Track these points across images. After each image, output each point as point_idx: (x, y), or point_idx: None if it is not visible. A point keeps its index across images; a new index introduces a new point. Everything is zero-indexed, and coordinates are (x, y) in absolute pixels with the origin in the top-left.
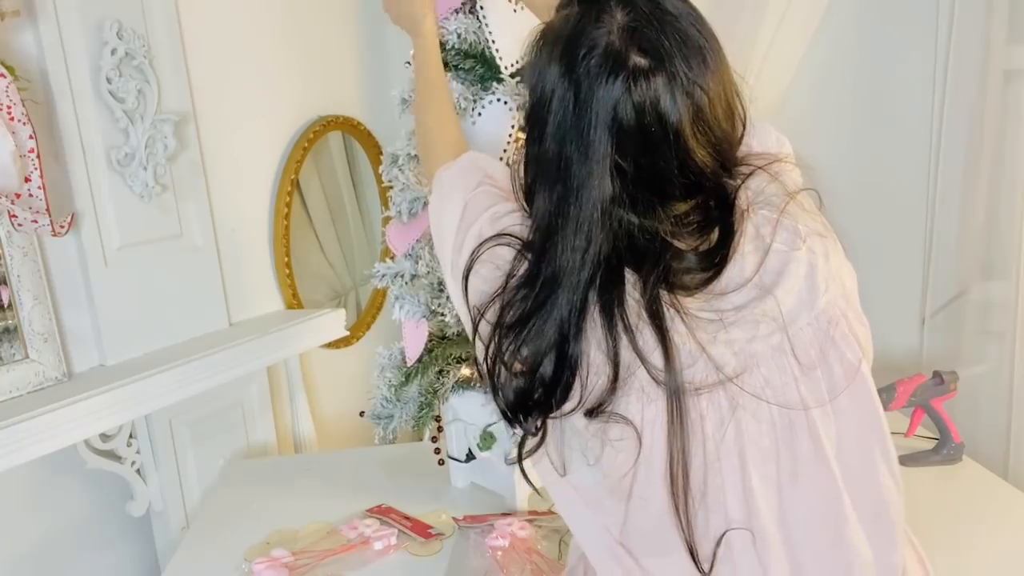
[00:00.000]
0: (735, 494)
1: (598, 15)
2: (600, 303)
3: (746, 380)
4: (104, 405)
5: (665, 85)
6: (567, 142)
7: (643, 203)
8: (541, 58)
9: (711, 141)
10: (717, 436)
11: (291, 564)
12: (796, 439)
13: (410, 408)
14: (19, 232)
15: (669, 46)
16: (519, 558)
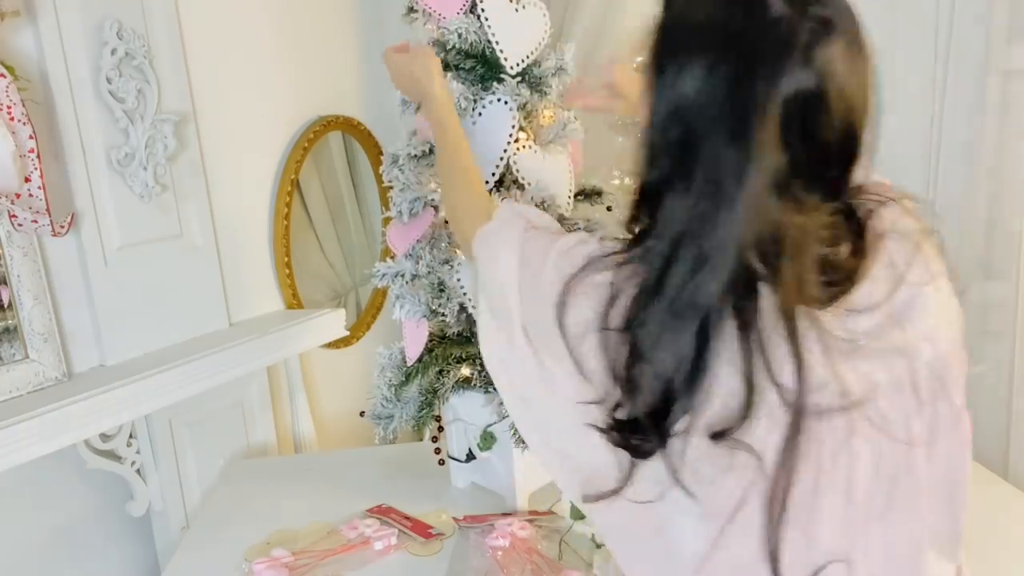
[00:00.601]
0: (833, 524)
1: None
2: (737, 316)
3: (867, 409)
4: (104, 405)
5: (845, 44)
6: (715, 132)
7: (797, 196)
8: (678, 49)
9: (858, 131)
10: (828, 464)
11: (291, 564)
12: (897, 474)
13: (410, 408)
14: (19, 232)
15: (840, 6)
16: (519, 558)
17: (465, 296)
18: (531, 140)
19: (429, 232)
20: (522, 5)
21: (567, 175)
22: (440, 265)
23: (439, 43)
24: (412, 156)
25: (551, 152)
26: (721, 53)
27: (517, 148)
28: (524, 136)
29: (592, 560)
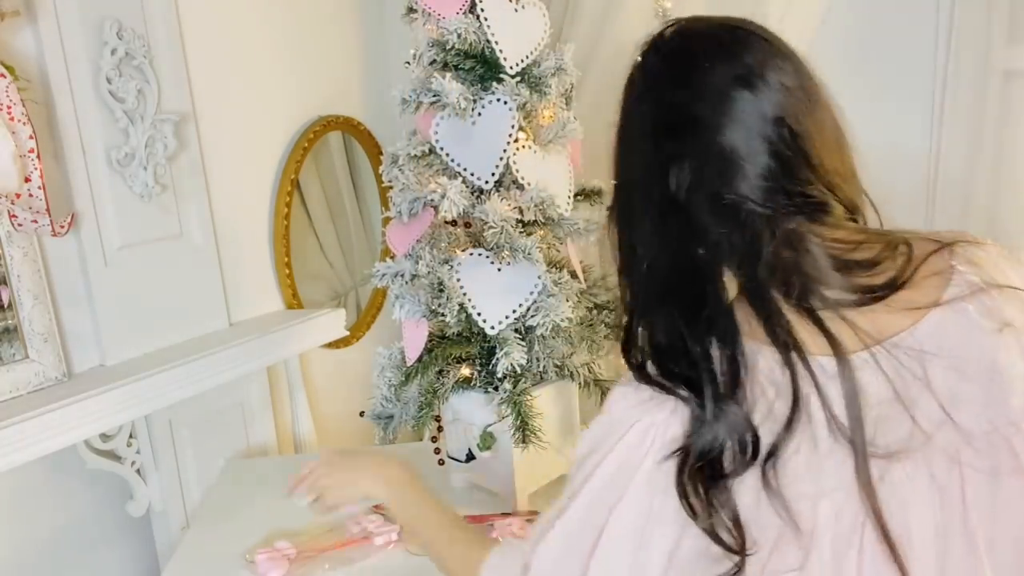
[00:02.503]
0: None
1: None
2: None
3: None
4: (104, 405)
5: (777, 78)
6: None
7: (792, 201)
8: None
9: (829, 162)
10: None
11: (293, 556)
12: (953, 521)
13: (410, 408)
14: (19, 232)
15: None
16: None
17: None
18: (531, 140)
19: (429, 232)
20: (522, 5)
21: (567, 175)
22: (440, 265)
23: (439, 43)
24: (412, 156)
25: (551, 152)
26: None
27: (517, 148)
28: (524, 136)
29: None
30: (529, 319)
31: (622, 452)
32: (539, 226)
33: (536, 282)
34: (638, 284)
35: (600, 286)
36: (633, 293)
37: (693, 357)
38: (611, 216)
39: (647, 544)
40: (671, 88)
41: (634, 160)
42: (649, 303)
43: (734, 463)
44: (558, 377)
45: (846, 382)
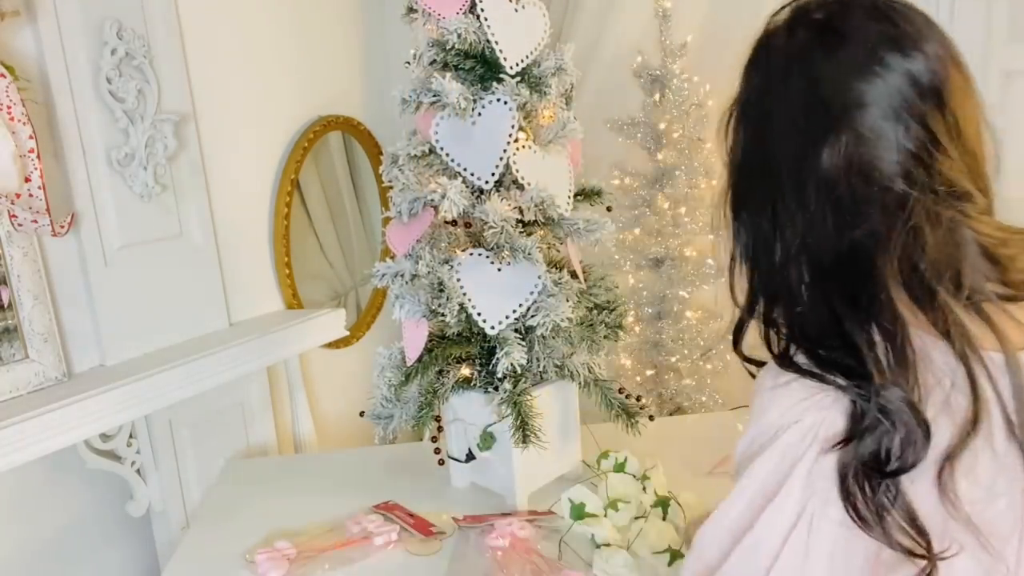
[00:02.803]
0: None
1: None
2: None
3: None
4: (104, 405)
5: (935, 51)
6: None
7: (936, 183)
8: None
9: (976, 150)
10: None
11: (293, 556)
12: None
13: (410, 408)
14: (19, 232)
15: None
16: (519, 558)
17: (464, 296)
18: (531, 140)
19: (429, 232)
20: (522, 5)
21: (567, 175)
22: (440, 265)
23: (439, 43)
24: (412, 156)
25: (551, 152)
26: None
27: (517, 148)
28: (524, 136)
29: (592, 560)
30: (529, 319)
31: (780, 449)
32: (539, 226)
33: (536, 282)
34: (776, 270)
35: (600, 286)
36: (769, 279)
37: (854, 342)
38: (734, 200)
39: (805, 547)
40: (824, 61)
41: (779, 139)
42: (798, 288)
43: (903, 458)
44: (558, 377)
45: (1015, 378)
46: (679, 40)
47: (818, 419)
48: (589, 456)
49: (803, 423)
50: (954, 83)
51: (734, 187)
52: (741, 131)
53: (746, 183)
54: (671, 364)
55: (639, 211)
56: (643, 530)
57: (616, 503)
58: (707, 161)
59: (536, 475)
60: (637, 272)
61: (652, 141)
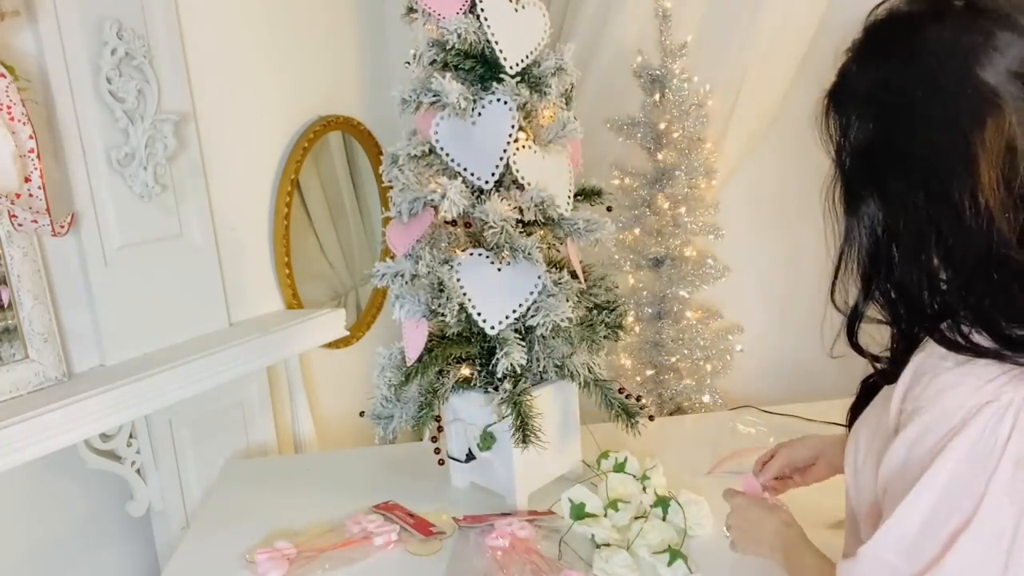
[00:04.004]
0: None
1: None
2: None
3: None
4: (104, 405)
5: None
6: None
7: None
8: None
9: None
10: None
11: (292, 556)
12: None
13: (410, 408)
14: (19, 232)
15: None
16: (519, 558)
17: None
18: (531, 140)
19: (429, 232)
20: (522, 5)
21: (567, 175)
22: (440, 265)
23: (439, 43)
24: (412, 156)
25: (551, 152)
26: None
27: (517, 148)
28: (524, 136)
29: (592, 560)
30: (529, 319)
31: (974, 434)
32: (539, 226)
33: (536, 282)
34: (920, 262)
35: (600, 286)
36: (909, 271)
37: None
38: (849, 195)
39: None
40: (982, 49)
41: (934, 139)
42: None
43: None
44: (558, 377)
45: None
46: (679, 40)
47: (1019, 397)
48: (589, 456)
49: (1000, 401)
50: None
51: (851, 182)
52: (862, 122)
53: (873, 176)
54: (671, 364)
55: (639, 211)
56: (643, 530)
57: (616, 503)
58: (707, 161)
59: (536, 475)
60: (637, 272)
61: (652, 141)
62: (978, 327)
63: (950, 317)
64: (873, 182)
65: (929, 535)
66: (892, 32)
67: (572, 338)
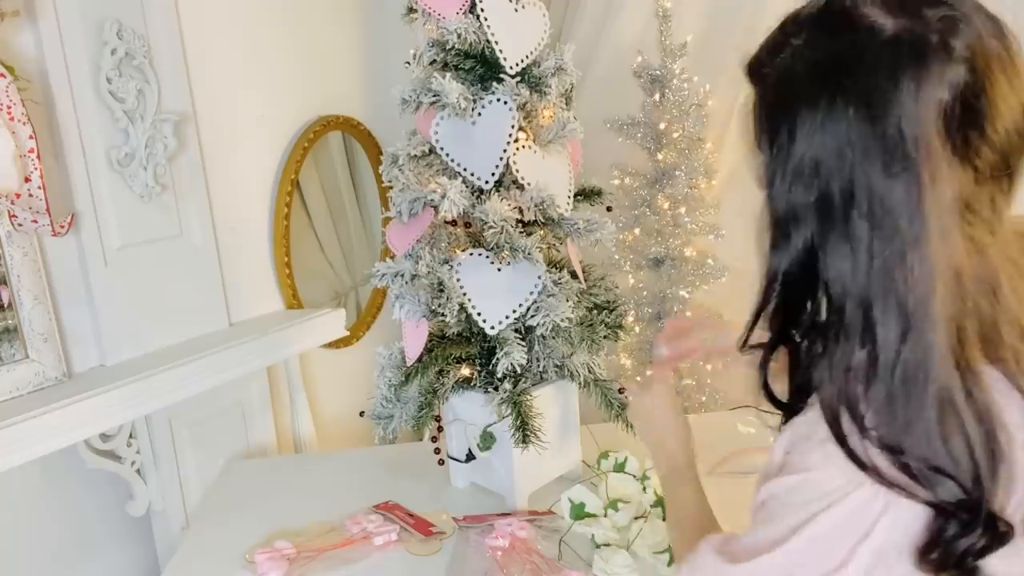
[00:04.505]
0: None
1: (846, 18)
2: (996, 364)
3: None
4: (104, 405)
5: (980, 23)
6: (865, 172)
7: (981, 208)
8: (787, 107)
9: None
10: None
11: (292, 556)
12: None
13: (410, 408)
14: (19, 232)
15: (966, 4)
16: (519, 558)
17: (464, 296)
18: (531, 140)
19: (429, 232)
20: (522, 5)
21: (567, 175)
22: (440, 265)
23: (439, 43)
24: (412, 156)
25: (551, 152)
26: (842, 93)
27: (517, 148)
28: (524, 136)
29: (592, 560)
30: (529, 319)
31: (844, 513)
32: (539, 226)
33: (536, 282)
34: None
35: (600, 286)
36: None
37: (947, 449)
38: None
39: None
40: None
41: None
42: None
43: (986, 550)
44: (558, 377)
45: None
46: (679, 40)
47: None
48: (589, 456)
49: (870, 487)
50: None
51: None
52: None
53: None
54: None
55: (639, 211)
56: (643, 530)
57: (616, 503)
58: (707, 161)
59: (536, 475)
60: (637, 272)
61: (652, 141)
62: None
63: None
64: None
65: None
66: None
67: (572, 338)
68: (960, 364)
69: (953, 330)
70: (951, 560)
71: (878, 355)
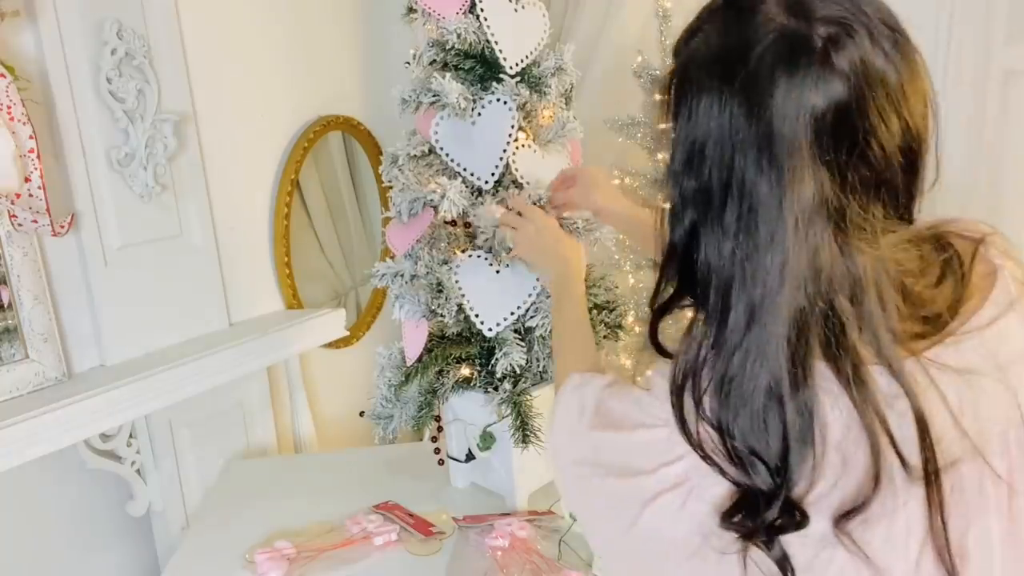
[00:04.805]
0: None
1: (747, 10)
2: (832, 364)
3: (989, 454)
4: (104, 405)
5: (871, 41)
6: (740, 164)
7: (858, 223)
8: (688, 90)
9: (912, 138)
10: (975, 517)
11: (292, 556)
12: (1000, 522)
13: (410, 408)
14: (19, 232)
15: (852, 3)
16: (519, 558)
17: (463, 298)
18: (530, 140)
19: (428, 232)
20: (521, 5)
21: None
22: (439, 265)
23: (439, 43)
24: (412, 156)
25: (550, 152)
26: (728, 83)
27: (516, 148)
28: (523, 136)
29: (591, 560)
30: (528, 320)
31: (666, 434)
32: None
33: (535, 284)
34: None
35: (600, 286)
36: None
37: (780, 447)
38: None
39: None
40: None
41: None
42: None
43: (782, 528)
44: None
45: (920, 426)
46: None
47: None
48: None
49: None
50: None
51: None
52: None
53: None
54: None
55: None
56: None
57: None
58: None
59: (536, 475)
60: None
61: (652, 141)
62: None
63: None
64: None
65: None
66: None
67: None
68: (795, 359)
69: (794, 326)
70: (748, 530)
71: (725, 339)
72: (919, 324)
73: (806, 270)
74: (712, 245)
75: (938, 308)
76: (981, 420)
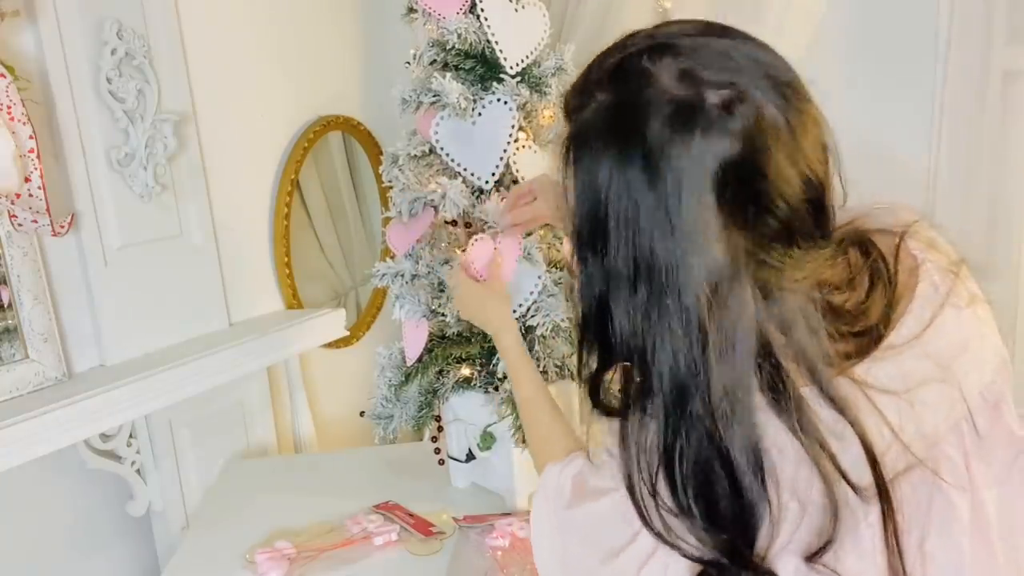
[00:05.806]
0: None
1: (638, 81)
2: (774, 405)
3: (935, 458)
4: (104, 405)
5: (762, 99)
6: (646, 240)
7: (774, 264)
8: (584, 163)
9: (812, 169)
10: (928, 524)
11: (293, 556)
12: (961, 520)
13: (410, 408)
14: (19, 232)
15: (739, 65)
16: (519, 558)
17: None
18: (531, 140)
19: (429, 232)
20: (522, 5)
21: None
22: (440, 265)
23: (439, 43)
24: (412, 156)
25: (550, 152)
26: (627, 158)
27: (517, 148)
28: (524, 136)
29: None
30: (529, 319)
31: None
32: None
33: (536, 282)
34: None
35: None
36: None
37: (741, 506)
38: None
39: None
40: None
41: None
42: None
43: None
44: (558, 377)
45: (866, 448)
46: None
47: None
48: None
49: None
50: None
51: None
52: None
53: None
54: None
55: None
56: None
57: None
58: None
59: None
60: None
61: None
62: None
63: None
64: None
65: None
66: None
67: (572, 338)
68: (735, 412)
69: (725, 389)
70: None
71: (657, 410)
72: (853, 342)
73: (730, 334)
74: (623, 320)
75: (872, 320)
76: (926, 427)
